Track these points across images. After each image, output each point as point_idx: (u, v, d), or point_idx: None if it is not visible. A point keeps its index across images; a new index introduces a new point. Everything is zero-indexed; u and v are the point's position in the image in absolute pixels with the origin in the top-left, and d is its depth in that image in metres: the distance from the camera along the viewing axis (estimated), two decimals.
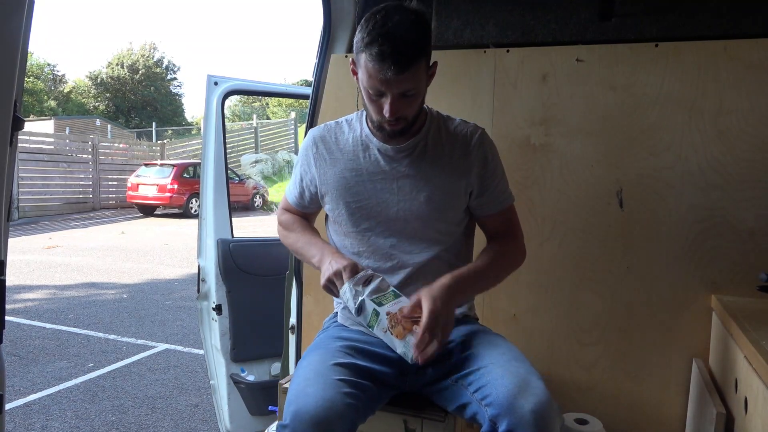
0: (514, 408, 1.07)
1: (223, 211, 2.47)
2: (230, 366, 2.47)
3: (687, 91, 1.59)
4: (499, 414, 1.08)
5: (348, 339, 1.33)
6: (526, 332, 1.75)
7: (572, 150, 1.70)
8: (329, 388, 1.12)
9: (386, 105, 1.21)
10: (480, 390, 1.15)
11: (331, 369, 1.18)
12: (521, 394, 1.09)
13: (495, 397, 1.10)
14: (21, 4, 0.87)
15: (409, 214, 1.33)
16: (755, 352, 1.09)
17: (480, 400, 1.14)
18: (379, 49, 1.14)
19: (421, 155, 1.34)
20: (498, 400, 1.09)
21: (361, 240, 1.36)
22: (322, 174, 1.39)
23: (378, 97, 1.22)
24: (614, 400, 1.69)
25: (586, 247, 1.71)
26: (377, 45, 1.14)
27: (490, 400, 1.11)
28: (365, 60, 1.18)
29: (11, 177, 0.94)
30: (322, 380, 1.14)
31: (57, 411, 3.16)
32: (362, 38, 1.18)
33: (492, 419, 1.10)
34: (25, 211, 12.61)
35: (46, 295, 5.95)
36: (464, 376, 1.22)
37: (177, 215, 13.61)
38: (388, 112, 1.21)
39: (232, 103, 31.03)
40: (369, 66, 1.17)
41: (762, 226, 1.55)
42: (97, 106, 28.35)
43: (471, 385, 1.19)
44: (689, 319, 1.62)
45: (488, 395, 1.12)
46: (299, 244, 1.42)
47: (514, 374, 1.13)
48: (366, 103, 1.27)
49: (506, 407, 1.08)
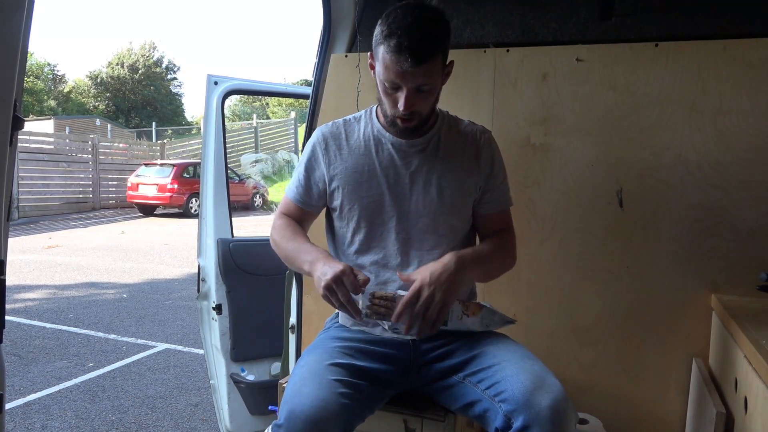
0: (531, 404, 1.08)
1: (223, 211, 2.47)
2: (230, 365, 2.47)
3: (687, 90, 1.59)
4: (516, 410, 1.09)
5: (347, 339, 1.33)
6: (526, 332, 1.75)
7: (572, 149, 1.70)
8: (324, 388, 1.12)
9: (401, 99, 1.22)
10: (493, 386, 1.16)
11: (327, 369, 1.18)
12: (538, 391, 1.09)
13: (511, 393, 1.11)
14: (21, 4, 0.87)
15: (422, 208, 1.34)
16: (755, 351, 1.09)
17: (493, 397, 1.15)
18: (398, 41, 1.16)
19: (434, 151, 1.36)
20: (514, 396, 1.10)
21: (373, 235, 1.36)
22: (333, 170, 1.38)
23: (393, 91, 1.24)
24: (614, 400, 1.69)
25: (586, 246, 1.71)
26: (396, 37, 1.16)
27: (506, 396, 1.12)
28: (383, 52, 1.20)
29: (11, 177, 0.94)
30: (318, 380, 1.14)
31: (57, 410, 3.16)
32: (381, 31, 1.20)
33: (507, 415, 1.10)
34: (25, 211, 12.61)
35: (46, 295, 5.95)
36: (473, 373, 1.22)
37: (177, 215, 13.61)
38: (402, 105, 1.22)
39: (232, 102, 31.05)
40: (386, 58, 1.19)
41: (762, 225, 1.55)
42: (97, 105, 28.35)
43: (481, 383, 1.19)
44: (689, 319, 1.62)
45: (503, 391, 1.13)
46: (290, 248, 1.36)
47: (530, 371, 1.14)
48: (381, 96, 1.29)
49: (523, 403, 1.08)
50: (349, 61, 1.89)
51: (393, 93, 1.24)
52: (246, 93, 2.77)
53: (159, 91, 30.06)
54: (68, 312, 5.30)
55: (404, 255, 1.34)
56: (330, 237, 1.46)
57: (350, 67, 1.88)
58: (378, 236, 1.36)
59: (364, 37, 1.93)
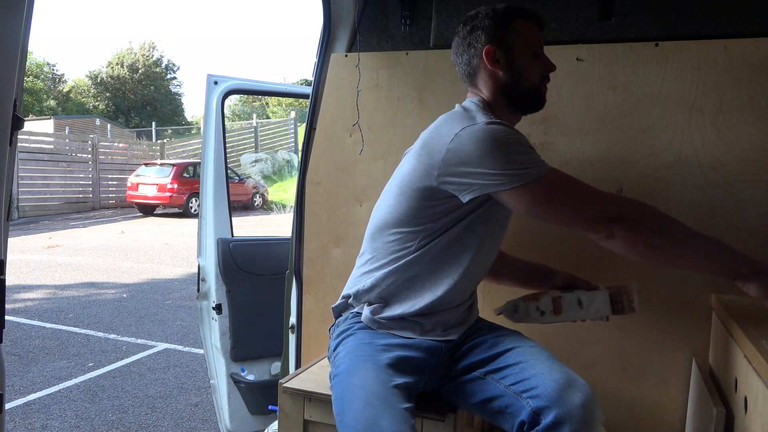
0: (563, 401, 1.09)
1: (223, 211, 2.48)
2: (230, 365, 2.47)
3: (687, 90, 1.59)
4: (547, 406, 1.10)
5: (386, 347, 1.26)
6: (526, 331, 1.75)
7: (572, 149, 1.70)
8: (401, 422, 1.08)
9: (545, 60, 1.35)
10: (521, 383, 1.17)
11: (393, 393, 1.14)
12: (570, 389, 1.11)
13: (543, 389, 1.12)
14: (20, 3, 0.87)
15: None
16: (755, 351, 1.09)
17: (520, 393, 1.16)
18: (534, 14, 1.35)
19: None
20: (546, 393, 1.11)
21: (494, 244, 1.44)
22: None
23: (537, 57, 1.35)
24: (614, 399, 1.69)
25: (586, 246, 1.70)
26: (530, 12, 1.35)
27: (536, 393, 1.13)
28: (522, 26, 1.33)
29: (11, 176, 0.94)
30: (390, 410, 1.10)
31: (57, 410, 3.16)
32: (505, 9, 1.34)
33: (536, 410, 1.11)
34: (24, 211, 12.61)
35: (46, 295, 5.95)
36: (497, 370, 1.23)
37: (177, 215, 13.62)
38: (549, 64, 1.36)
39: (232, 102, 31.04)
40: (530, 28, 1.34)
41: (762, 225, 1.55)
42: (96, 105, 28.35)
43: (505, 379, 1.20)
44: (689, 318, 1.62)
45: (533, 388, 1.14)
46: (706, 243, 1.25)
47: (559, 370, 1.16)
48: (526, 68, 1.33)
49: (555, 399, 1.10)
50: (349, 61, 1.89)
51: (539, 58, 1.35)
52: (246, 93, 2.77)
53: (159, 90, 30.06)
54: (68, 312, 5.30)
55: None
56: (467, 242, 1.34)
57: (350, 67, 1.88)
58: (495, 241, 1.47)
59: (364, 37, 1.93)
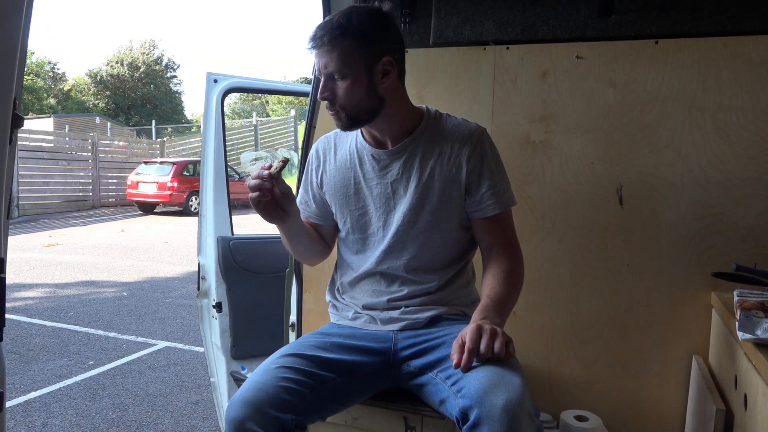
0: (484, 401, 1.05)
1: (223, 209, 2.48)
2: (230, 363, 2.47)
3: (687, 87, 1.59)
4: (471, 405, 1.06)
5: (329, 334, 1.35)
6: (526, 329, 1.75)
7: (572, 147, 1.70)
8: (265, 375, 1.19)
9: None
10: (457, 382, 1.14)
11: (277, 360, 1.23)
12: (494, 389, 1.06)
13: (468, 388, 1.08)
14: (20, 2, 0.87)
15: (407, 218, 1.33)
16: (755, 349, 1.09)
17: (456, 392, 1.13)
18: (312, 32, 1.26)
19: (412, 158, 1.34)
20: (470, 392, 1.07)
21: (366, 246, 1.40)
22: (325, 184, 1.44)
23: None
24: (614, 397, 1.69)
25: (586, 244, 1.71)
26: None
27: (464, 392, 1.09)
28: None
29: (11, 175, 0.94)
30: (263, 369, 1.22)
31: (57, 408, 3.17)
32: None
33: (463, 410, 1.08)
34: (24, 209, 12.61)
35: (46, 293, 5.95)
36: (444, 369, 1.21)
37: (177, 213, 13.61)
38: (319, 91, 1.27)
39: (231, 100, 31.03)
40: None
41: (762, 223, 1.55)
42: (96, 103, 28.31)
43: (449, 378, 1.18)
44: (689, 316, 1.62)
45: (463, 387, 1.11)
46: None
47: (491, 369, 1.10)
48: None
49: (477, 399, 1.06)
50: None
51: None
52: (246, 91, 2.77)
53: (159, 89, 30.02)
54: (68, 310, 5.30)
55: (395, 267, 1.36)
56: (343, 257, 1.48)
57: None
58: (371, 248, 1.39)
59: None
